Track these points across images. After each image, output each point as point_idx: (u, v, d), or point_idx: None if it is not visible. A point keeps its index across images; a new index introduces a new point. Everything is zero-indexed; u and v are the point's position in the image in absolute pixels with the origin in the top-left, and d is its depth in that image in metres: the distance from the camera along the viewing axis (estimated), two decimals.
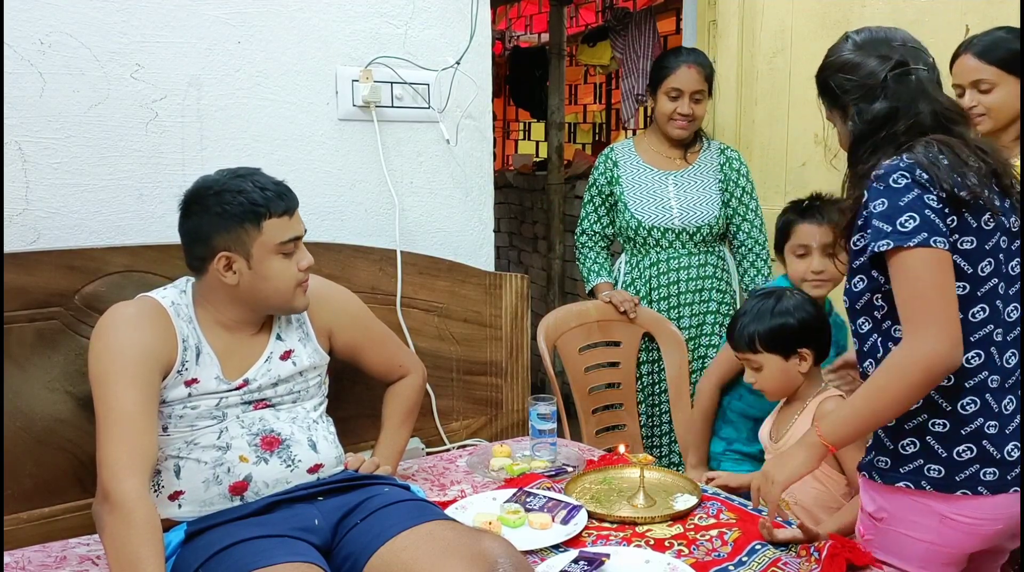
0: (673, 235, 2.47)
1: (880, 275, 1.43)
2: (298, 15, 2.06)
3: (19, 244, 1.77)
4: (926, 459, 1.43)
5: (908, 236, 1.34)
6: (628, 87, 4.99)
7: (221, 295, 1.56)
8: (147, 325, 1.50)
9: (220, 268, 1.52)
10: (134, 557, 1.29)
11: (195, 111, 1.95)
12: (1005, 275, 1.44)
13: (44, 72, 1.78)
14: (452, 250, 2.34)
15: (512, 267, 5.41)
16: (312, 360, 1.68)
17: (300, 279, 1.58)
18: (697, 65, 2.43)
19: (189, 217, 1.54)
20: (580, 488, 1.88)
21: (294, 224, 1.56)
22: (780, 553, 1.57)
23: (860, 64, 1.49)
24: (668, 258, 2.49)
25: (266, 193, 1.52)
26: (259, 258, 1.52)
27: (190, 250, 1.56)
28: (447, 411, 2.26)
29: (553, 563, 1.53)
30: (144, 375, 1.45)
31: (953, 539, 1.44)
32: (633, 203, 2.48)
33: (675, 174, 2.51)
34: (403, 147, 2.26)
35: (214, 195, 1.51)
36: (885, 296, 1.44)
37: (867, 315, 1.49)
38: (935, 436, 1.42)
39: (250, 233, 1.51)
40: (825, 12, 2.60)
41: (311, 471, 1.59)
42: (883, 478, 1.47)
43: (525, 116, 7.17)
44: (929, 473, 1.42)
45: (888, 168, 1.40)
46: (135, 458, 1.38)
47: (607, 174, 2.54)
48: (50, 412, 1.70)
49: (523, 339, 2.36)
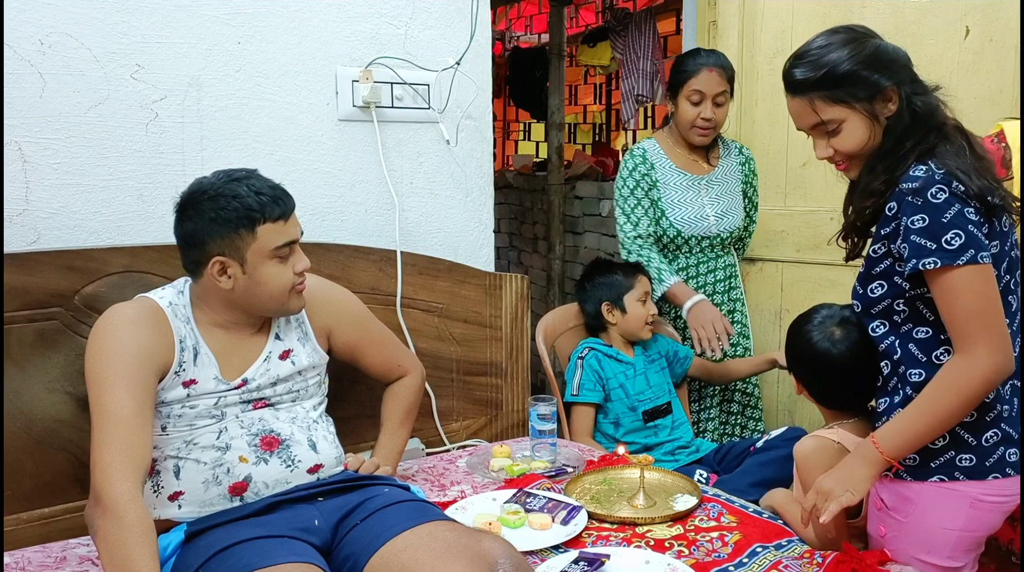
0: (707, 242, 2.46)
1: (905, 283, 1.43)
2: (298, 16, 2.07)
3: (19, 244, 1.77)
4: (957, 449, 1.45)
5: (956, 254, 1.35)
6: (628, 87, 5.00)
7: (217, 298, 1.56)
8: (144, 327, 1.49)
9: (214, 273, 1.51)
10: (128, 559, 1.28)
11: (195, 111, 1.95)
12: (1009, 264, 1.46)
13: (44, 72, 1.78)
14: (452, 250, 2.34)
15: (512, 268, 5.41)
16: (311, 360, 1.67)
17: (295, 283, 1.56)
18: (719, 67, 2.37)
19: (184, 221, 1.52)
20: (580, 488, 1.88)
21: (289, 228, 1.54)
22: (781, 556, 1.57)
23: (896, 52, 1.47)
24: (698, 262, 2.47)
25: (261, 198, 1.49)
26: (254, 263, 1.51)
27: (185, 253, 1.55)
28: (447, 412, 2.25)
29: (553, 563, 1.52)
30: (139, 377, 1.44)
31: (982, 521, 1.47)
32: (671, 211, 2.42)
33: (706, 179, 2.47)
34: (403, 147, 2.26)
35: (209, 199, 1.49)
36: (908, 301, 1.45)
37: (884, 319, 1.50)
38: (964, 426, 1.44)
39: (244, 239, 1.49)
40: (825, 12, 2.60)
41: (311, 471, 1.59)
42: (913, 476, 1.48)
43: (525, 116, 7.18)
44: (961, 463, 1.45)
45: (923, 181, 1.37)
46: (127, 461, 1.37)
47: (648, 176, 2.42)
48: (50, 412, 1.70)
49: (523, 340, 2.36)
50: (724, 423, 2.57)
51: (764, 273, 2.80)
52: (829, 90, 1.46)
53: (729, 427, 2.58)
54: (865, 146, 1.48)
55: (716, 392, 2.54)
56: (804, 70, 1.48)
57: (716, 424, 2.55)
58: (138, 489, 1.37)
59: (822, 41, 1.49)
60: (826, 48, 1.47)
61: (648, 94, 4.93)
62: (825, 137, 1.51)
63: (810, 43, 1.51)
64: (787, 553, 1.58)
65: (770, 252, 2.76)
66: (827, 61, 1.46)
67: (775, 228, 2.73)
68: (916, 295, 1.44)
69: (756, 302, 2.72)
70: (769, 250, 2.75)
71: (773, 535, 1.65)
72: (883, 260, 1.46)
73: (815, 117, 1.49)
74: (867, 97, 1.45)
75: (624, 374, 2.30)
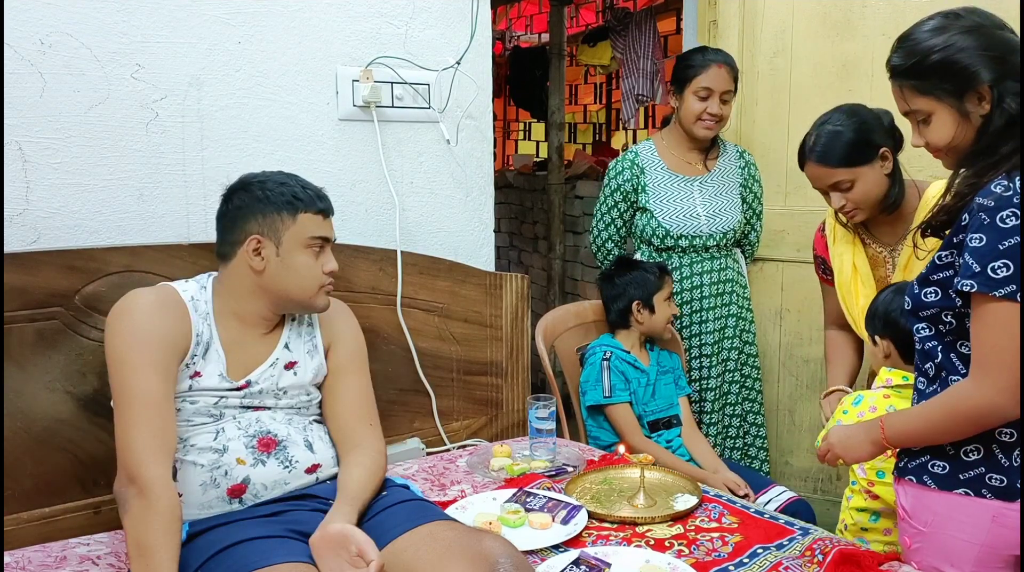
0: (699, 242, 2.45)
1: (958, 298, 1.37)
2: (298, 15, 2.06)
3: (19, 244, 1.77)
4: (988, 468, 1.38)
5: (998, 285, 1.28)
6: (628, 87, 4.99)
7: (244, 284, 1.57)
8: (166, 312, 1.51)
9: (249, 251, 1.54)
10: (151, 543, 1.32)
11: (195, 111, 1.95)
12: None
13: (44, 72, 1.78)
14: (452, 250, 2.34)
15: (512, 267, 5.41)
16: (315, 374, 1.67)
17: (323, 282, 1.59)
18: (727, 65, 2.39)
19: (231, 201, 1.59)
20: (580, 488, 1.88)
21: (327, 226, 1.61)
22: (782, 557, 1.57)
23: (1001, 38, 1.35)
24: (691, 263, 2.47)
25: (307, 191, 1.59)
26: (288, 248, 1.55)
27: (223, 236, 1.59)
28: (447, 411, 2.25)
29: (553, 563, 1.52)
30: (164, 361, 1.47)
31: (1007, 539, 1.38)
32: (660, 211, 2.43)
33: (699, 180, 2.47)
34: (403, 147, 2.26)
35: (259, 183, 1.58)
36: (957, 316, 1.39)
37: (931, 324, 1.44)
38: (1001, 445, 1.37)
39: (285, 221, 1.55)
40: (825, 12, 2.60)
41: (309, 471, 1.59)
42: (939, 483, 1.42)
43: (525, 116, 7.18)
44: (991, 482, 1.38)
45: (1001, 200, 1.29)
46: (160, 444, 1.41)
47: (633, 181, 2.46)
48: (50, 412, 1.70)
49: (523, 339, 2.36)
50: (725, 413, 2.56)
51: (764, 273, 2.81)
52: (917, 80, 1.40)
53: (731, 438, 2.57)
54: (952, 142, 1.40)
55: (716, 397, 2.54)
56: (899, 55, 1.43)
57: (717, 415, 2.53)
58: (170, 473, 1.41)
59: (930, 25, 1.41)
60: (927, 34, 1.39)
61: (648, 94, 4.92)
62: (918, 125, 1.46)
63: (918, 25, 1.43)
64: (787, 553, 1.58)
65: (770, 252, 2.76)
66: (920, 49, 1.39)
67: (775, 228, 2.73)
68: (966, 313, 1.37)
69: (756, 302, 2.72)
70: (769, 250, 2.75)
71: (775, 535, 1.65)
72: (946, 269, 1.39)
73: (905, 105, 1.45)
74: (956, 92, 1.37)
75: (638, 381, 2.30)
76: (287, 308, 1.63)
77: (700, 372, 2.52)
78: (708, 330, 2.50)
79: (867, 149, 1.87)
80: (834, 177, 1.89)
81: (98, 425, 1.72)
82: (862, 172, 1.87)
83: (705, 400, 2.53)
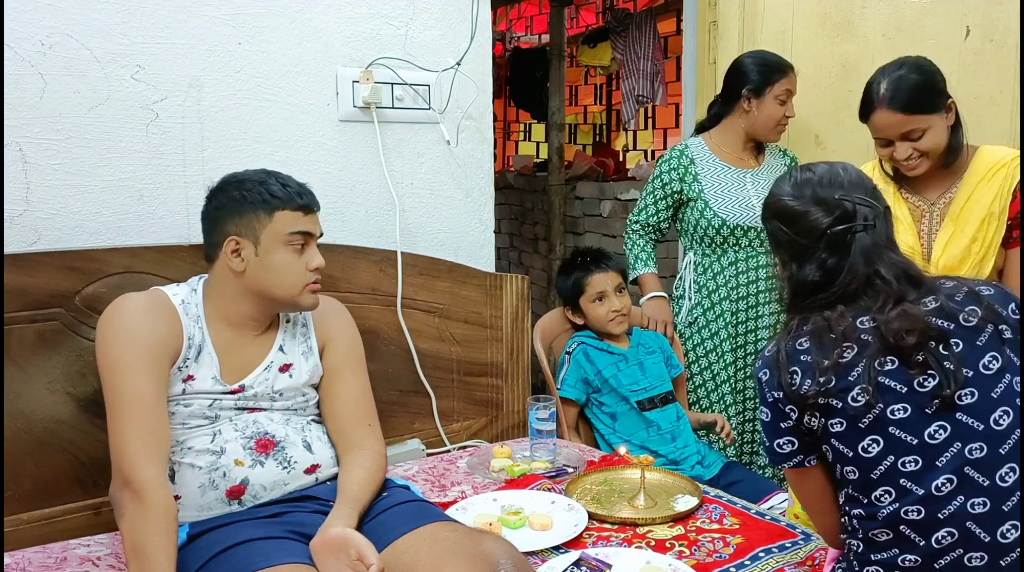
0: (754, 234, 2.43)
1: None
2: (299, 16, 2.06)
3: (20, 245, 1.77)
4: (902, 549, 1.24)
5: None
6: (629, 88, 5.00)
7: (229, 286, 1.56)
8: (157, 316, 1.51)
9: (228, 253, 1.53)
10: (147, 546, 1.32)
11: (196, 112, 1.95)
12: None
13: (45, 73, 1.78)
14: (453, 251, 2.34)
15: (512, 268, 5.42)
16: (311, 376, 1.66)
17: (307, 280, 1.57)
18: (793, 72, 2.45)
19: (211, 203, 1.58)
20: (581, 489, 1.88)
21: (308, 222, 1.57)
22: (784, 564, 1.56)
23: (802, 214, 1.34)
24: (747, 257, 2.44)
25: (287, 189, 1.55)
26: (267, 246, 1.53)
27: (206, 238, 1.59)
28: (447, 412, 2.25)
29: (554, 564, 1.52)
30: (157, 364, 1.47)
31: None
32: (715, 201, 2.42)
33: (751, 172, 2.48)
34: (404, 148, 2.26)
35: (237, 183, 1.57)
36: None
37: None
38: None
39: (261, 220, 1.52)
40: (825, 13, 2.60)
41: (308, 472, 1.59)
42: None
43: (526, 117, 7.18)
44: (905, 563, 1.23)
45: (764, 360, 1.33)
46: (153, 446, 1.40)
47: (680, 170, 2.46)
48: (50, 413, 1.70)
49: (523, 340, 2.36)
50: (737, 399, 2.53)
51: None
52: None
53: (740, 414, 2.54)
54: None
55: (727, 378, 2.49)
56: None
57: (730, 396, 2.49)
58: (165, 474, 1.40)
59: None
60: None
61: (648, 94, 4.93)
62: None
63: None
64: (789, 558, 1.57)
65: None
66: None
67: None
68: None
69: None
70: None
71: (777, 536, 1.65)
72: None
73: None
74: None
75: (616, 365, 2.29)
76: (274, 308, 1.61)
77: (751, 369, 2.47)
78: (764, 325, 2.47)
79: (940, 98, 1.89)
80: (908, 125, 1.88)
81: (98, 426, 1.71)
82: (934, 120, 1.88)
83: (748, 398, 2.49)
